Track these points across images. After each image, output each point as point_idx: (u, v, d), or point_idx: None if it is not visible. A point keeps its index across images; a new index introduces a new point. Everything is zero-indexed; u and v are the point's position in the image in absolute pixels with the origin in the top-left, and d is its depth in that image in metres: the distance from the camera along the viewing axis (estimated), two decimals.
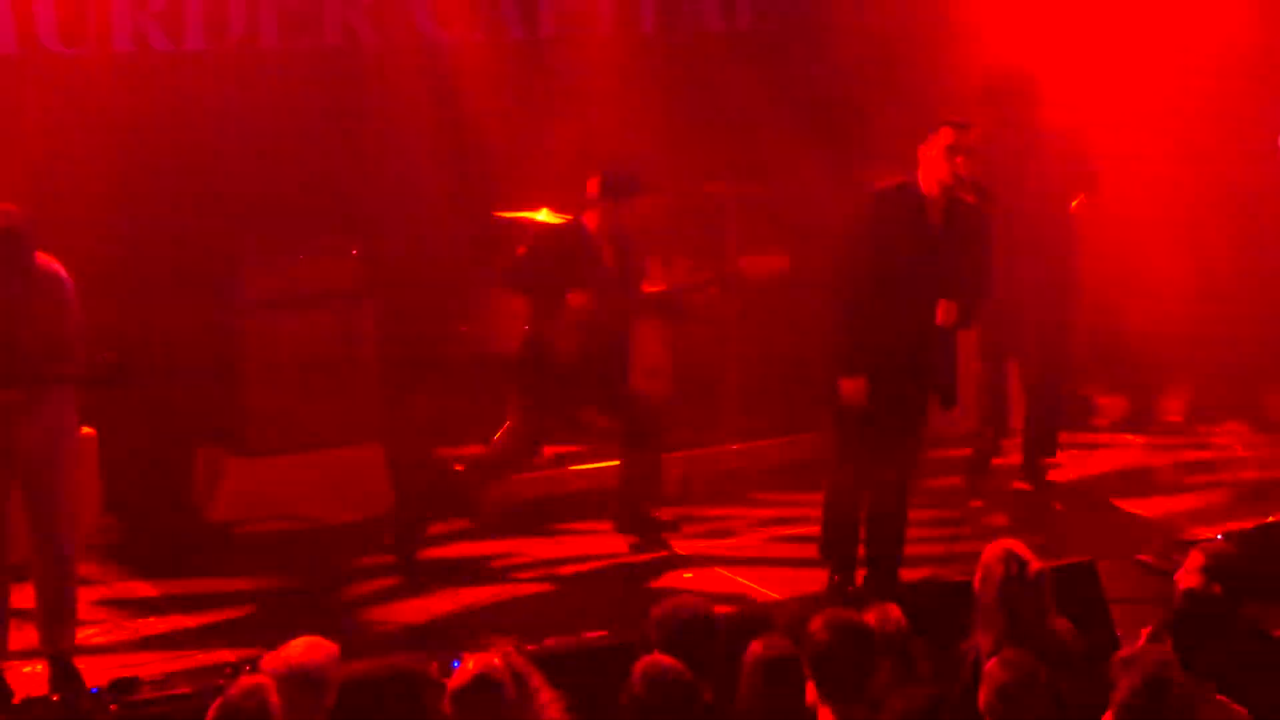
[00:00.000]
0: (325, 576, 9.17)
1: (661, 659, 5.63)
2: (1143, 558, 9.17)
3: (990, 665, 5.72)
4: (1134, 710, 5.37)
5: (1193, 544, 8.37)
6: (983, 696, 5.60)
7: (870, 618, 6.30)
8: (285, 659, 5.82)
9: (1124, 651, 5.63)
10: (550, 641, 7.54)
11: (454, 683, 5.58)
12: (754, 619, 7.10)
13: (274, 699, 5.35)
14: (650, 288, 9.69)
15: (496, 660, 5.63)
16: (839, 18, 11.89)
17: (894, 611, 6.40)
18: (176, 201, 10.17)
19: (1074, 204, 10.20)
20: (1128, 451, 11.38)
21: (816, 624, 5.93)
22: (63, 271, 7.64)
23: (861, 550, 8.67)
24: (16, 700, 7.45)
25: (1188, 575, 6.92)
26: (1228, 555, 6.99)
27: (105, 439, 9.20)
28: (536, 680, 5.76)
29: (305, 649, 5.87)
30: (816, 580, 8.75)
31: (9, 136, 9.40)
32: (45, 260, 7.54)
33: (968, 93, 10.36)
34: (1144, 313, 11.28)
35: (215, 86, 10.64)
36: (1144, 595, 8.50)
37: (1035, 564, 6.49)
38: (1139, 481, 10.80)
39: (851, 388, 8.33)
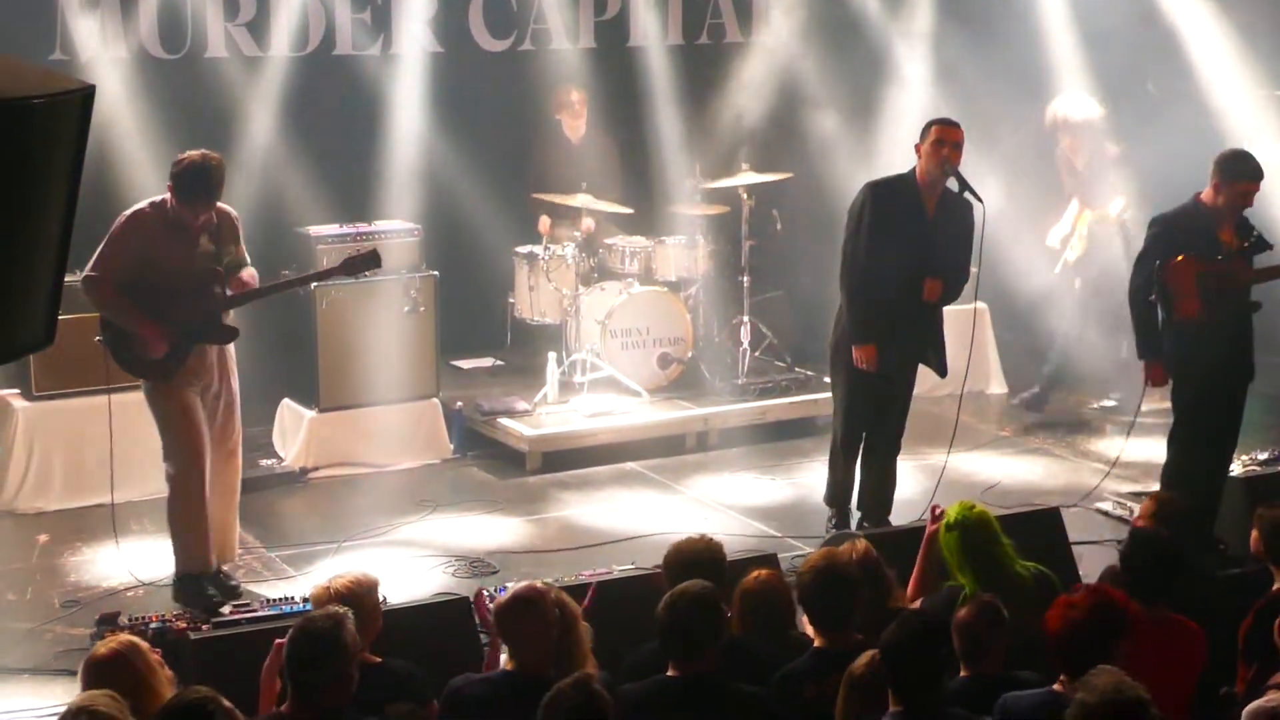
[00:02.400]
0: (389, 515, 9.24)
1: (694, 584, 5.57)
2: (1101, 505, 9.32)
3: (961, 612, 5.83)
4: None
5: (1145, 494, 8.54)
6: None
7: (843, 551, 6.40)
8: (334, 589, 5.76)
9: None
10: (586, 574, 7.70)
11: (498, 602, 5.61)
12: (761, 558, 7.21)
13: (350, 626, 5.20)
14: None
15: (538, 586, 5.64)
16: None
17: (861, 544, 6.51)
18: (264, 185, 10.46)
19: None
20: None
21: (806, 567, 6.03)
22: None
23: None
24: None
25: (1140, 520, 7.06)
26: (1175, 503, 7.14)
27: None
28: (575, 611, 5.78)
29: (352, 581, 5.81)
30: (818, 522, 8.94)
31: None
32: None
33: None
34: None
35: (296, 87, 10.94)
36: (1101, 538, 8.67)
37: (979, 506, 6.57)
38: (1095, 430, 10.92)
39: (865, 354, 8.49)
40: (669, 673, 5.48)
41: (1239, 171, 8.28)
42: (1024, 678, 5.60)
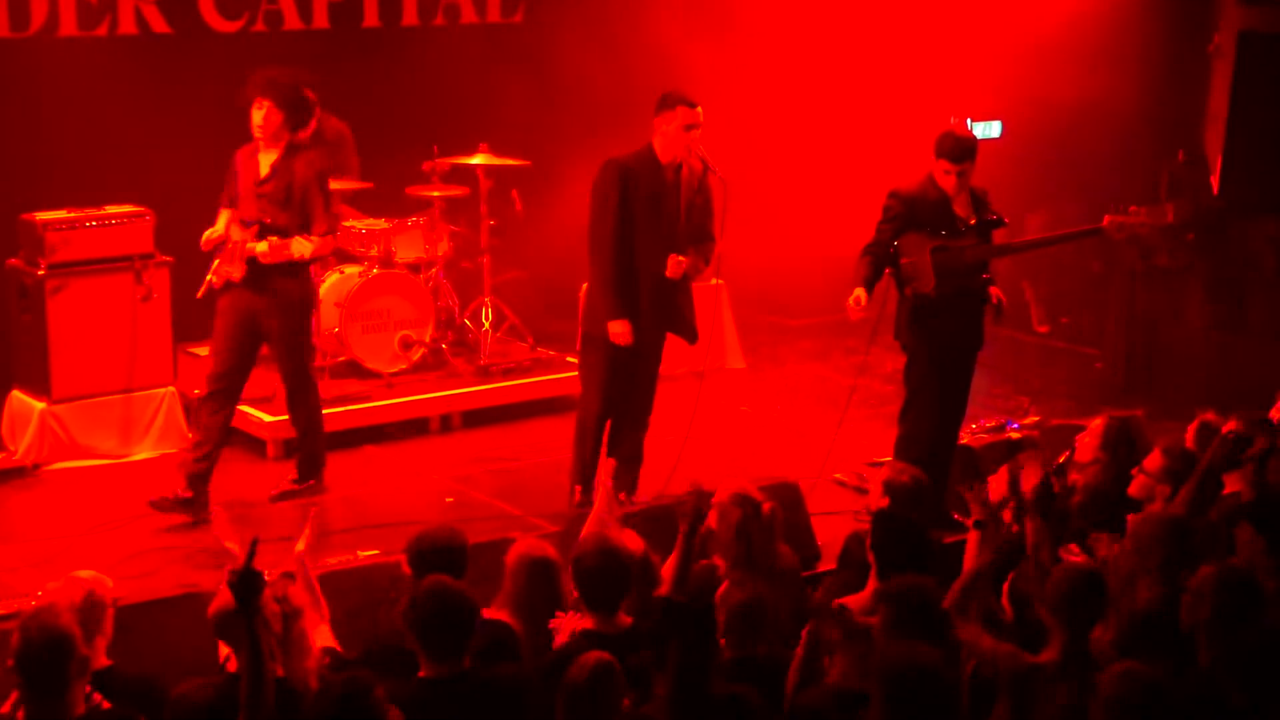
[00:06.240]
0: (127, 507, 9.02)
1: (446, 581, 5.55)
2: (838, 476, 9.46)
3: (723, 590, 5.94)
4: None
5: (876, 464, 8.74)
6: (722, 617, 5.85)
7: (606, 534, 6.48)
8: (63, 592, 5.62)
9: None
10: (331, 560, 7.61)
11: (214, 605, 5.51)
12: (504, 542, 7.18)
13: (67, 618, 5.22)
14: None
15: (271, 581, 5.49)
16: None
17: (634, 538, 6.58)
18: None
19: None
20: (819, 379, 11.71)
21: (584, 548, 6.05)
22: None
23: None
24: None
25: (876, 499, 7.22)
26: (906, 475, 7.30)
27: None
28: (303, 600, 5.71)
29: (80, 583, 5.69)
30: (562, 501, 8.94)
31: None
32: None
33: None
34: None
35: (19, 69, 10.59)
36: (840, 509, 8.84)
37: (766, 505, 6.73)
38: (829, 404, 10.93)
39: (620, 328, 8.49)
40: (423, 674, 5.43)
41: (938, 150, 8.52)
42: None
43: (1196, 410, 7.80)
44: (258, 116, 8.87)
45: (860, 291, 8.43)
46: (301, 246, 8.87)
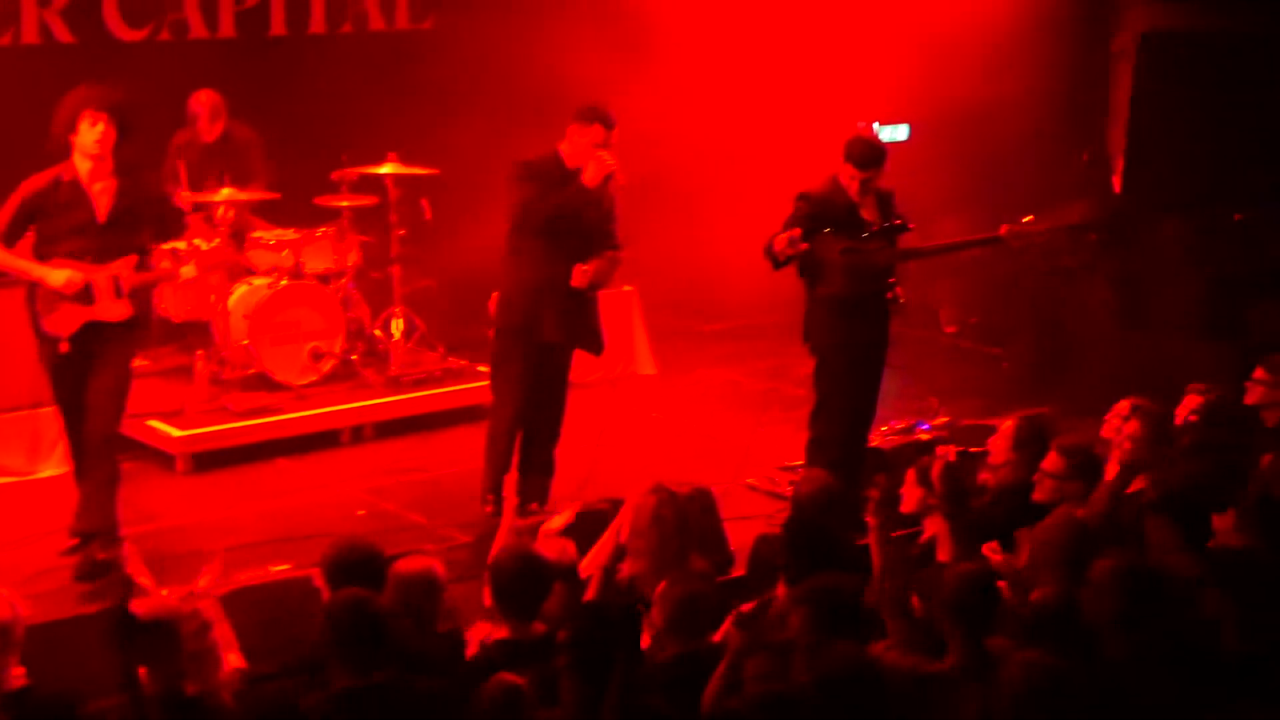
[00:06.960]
0: (32, 526, 8.91)
1: (357, 593, 5.55)
2: (750, 481, 9.46)
3: (664, 587, 5.95)
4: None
5: (788, 468, 8.76)
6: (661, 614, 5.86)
7: (550, 550, 6.46)
8: None
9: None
10: (242, 576, 7.54)
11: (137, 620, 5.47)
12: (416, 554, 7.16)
13: None
14: None
15: (174, 601, 5.54)
16: None
17: (570, 547, 6.57)
18: None
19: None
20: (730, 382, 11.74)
21: (502, 555, 6.05)
22: None
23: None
24: None
25: (795, 500, 7.25)
26: (822, 480, 7.35)
27: None
28: (215, 615, 5.71)
29: None
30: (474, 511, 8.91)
31: None
32: None
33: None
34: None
35: None
36: (752, 514, 8.81)
37: (681, 491, 6.77)
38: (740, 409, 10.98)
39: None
40: (343, 684, 5.40)
41: (846, 154, 8.60)
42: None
43: (1105, 406, 7.90)
44: (93, 134, 8.00)
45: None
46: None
